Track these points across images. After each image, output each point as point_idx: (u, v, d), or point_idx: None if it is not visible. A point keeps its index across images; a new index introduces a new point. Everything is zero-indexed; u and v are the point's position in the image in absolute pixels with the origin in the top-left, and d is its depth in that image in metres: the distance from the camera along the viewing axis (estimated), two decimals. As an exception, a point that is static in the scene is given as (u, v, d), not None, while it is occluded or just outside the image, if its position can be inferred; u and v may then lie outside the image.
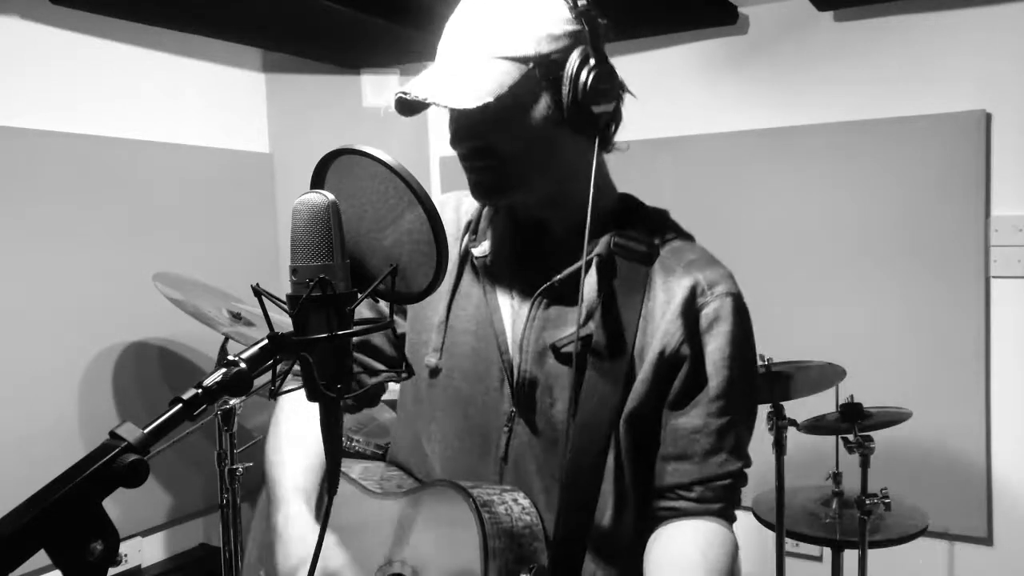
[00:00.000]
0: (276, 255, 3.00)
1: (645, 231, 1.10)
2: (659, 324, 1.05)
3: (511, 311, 1.11)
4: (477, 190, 1.07)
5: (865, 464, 2.01)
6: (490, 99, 0.95)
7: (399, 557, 1.05)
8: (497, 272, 1.13)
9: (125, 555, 2.53)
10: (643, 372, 1.05)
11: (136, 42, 2.59)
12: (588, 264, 1.05)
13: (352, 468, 1.21)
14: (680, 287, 1.06)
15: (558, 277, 1.06)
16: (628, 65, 1.10)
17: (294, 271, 0.71)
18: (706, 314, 1.06)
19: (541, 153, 1.04)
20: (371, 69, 3.13)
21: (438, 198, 1.26)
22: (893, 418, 2.09)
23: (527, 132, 1.02)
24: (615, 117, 1.09)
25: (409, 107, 1.02)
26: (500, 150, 1.02)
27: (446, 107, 0.97)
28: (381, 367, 1.25)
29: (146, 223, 2.56)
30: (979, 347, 2.33)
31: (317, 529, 1.09)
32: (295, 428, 1.25)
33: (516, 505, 1.03)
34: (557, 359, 1.06)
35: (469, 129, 1.03)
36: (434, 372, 1.14)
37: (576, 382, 1.03)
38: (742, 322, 1.08)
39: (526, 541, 1.00)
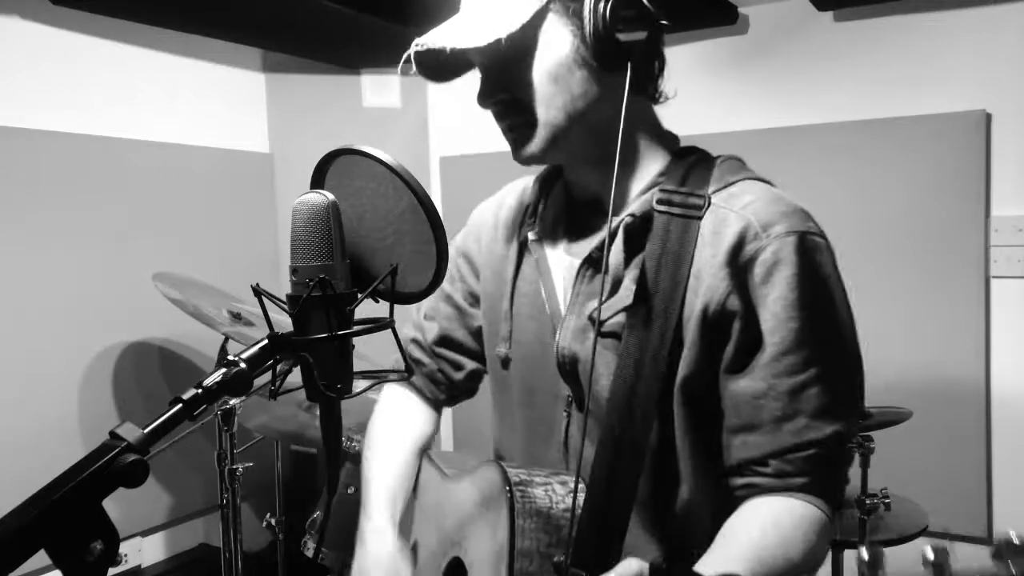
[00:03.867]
0: (276, 255, 3.00)
1: (703, 182, 1.00)
2: (707, 279, 0.94)
3: (564, 291, 1.06)
4: (514, 149, 1.02)
5: (865, 464, 2.01)
6: (501, 35, 0.90)
7: (459, 538, 1.06)
8: (551, 253, 1.09)
9: (125, 555, 2.53)
10: (689, 336, 0.95)
11: (136, 42, 2.59)
12: (616, 231, 0.97)
13: (441, 456, 1.24)
14: (729, 234, 0.94)
15: (595, 245, 1.00)
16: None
17: (294, 271, 0.71)
18: (763, 260, 0.93)
19: (570, 99, 0.96)
20: (371, 69, 3.13)
21: (503, 189, 1.25)
22: (893, 418, 2.09)
23: (552, 73, 0.96)
24: (653, 55, 1.01)
25: (434, 69, 1.00)
26: (527, 99, 0.97)
27: (454, 48, 0.92)
28: (467, 361, 1.26)
29: (146, 223, 2.56)
30: (979, 347, 2.33)
31: (394, 549, 1.14)
32: (391, 423, 1.27)
33: (563, 488, 0.98)
34: (597, 333, 0.97)
35: (494, 81, 0.99)
36: (505, 363, 1.13)
37: (617, 354, 0.95)
38: (811, 262, 0.93)
39: (566, 524, 0.95)
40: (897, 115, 2.41)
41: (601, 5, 0.92)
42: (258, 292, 0.72)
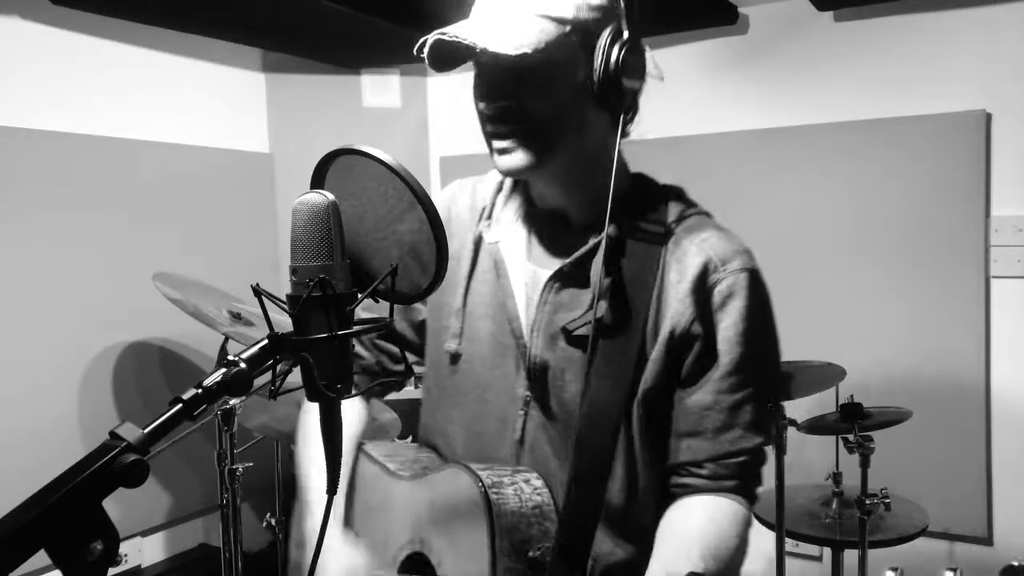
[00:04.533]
0: (276, 255, 3.00)
1: (660, 211, 1.10)
2: (671, 303, 1.05)
3: (525, 296, 1.11)
4: (502, 159, 1.04)
5: (865, 464, 2.01)
6: (528, 50, 0.94)
7: (418, 537, 1.08)
8: (511, 257, 1.13)
9: (125, 555, 2.53)
10: (655, 352, 1.05)
11: (136, 42, 2.59)
12: (598, 246, 1.04)
13: (377, 448, 1.23)
14: (692, 265, 1.05)
15: (568, 260, 1.07)
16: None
17: (294, 271, 0.71)
18: (719, 291, 1.05)
19: (570, 124, 1.03)
20: (371, 69, 3.13)
21: (452, 185, 1.26)
22: (893, 418, 2.09)
23: (559, 97, 1.01)
24: (635, 103, 1.08)
25: (441, 59, 1.01)
26: (532, 111, 1.00)
27: (483, 49, 0.95)
28: (406, 354, 1.27)
29: (146, 223, 2.56)
30: (979, 347, 2.33)
31: (341, 538, 1.13)
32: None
33: (527, 486, 1.04)
34: (567, 342, 1.06)
35: (503, 86, 1.01)
36: (454, 358, 1.15)
37: (587, 364, 1.03)
38: (757, 297, 1.06)
39: (536, 521, 1.01)
40: (897, 115, 2.42)
41: (616, 49, 1.00)
42: (258, 292, 0.72)
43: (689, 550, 0.99)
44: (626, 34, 1.01)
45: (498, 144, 1.04)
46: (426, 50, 0.99)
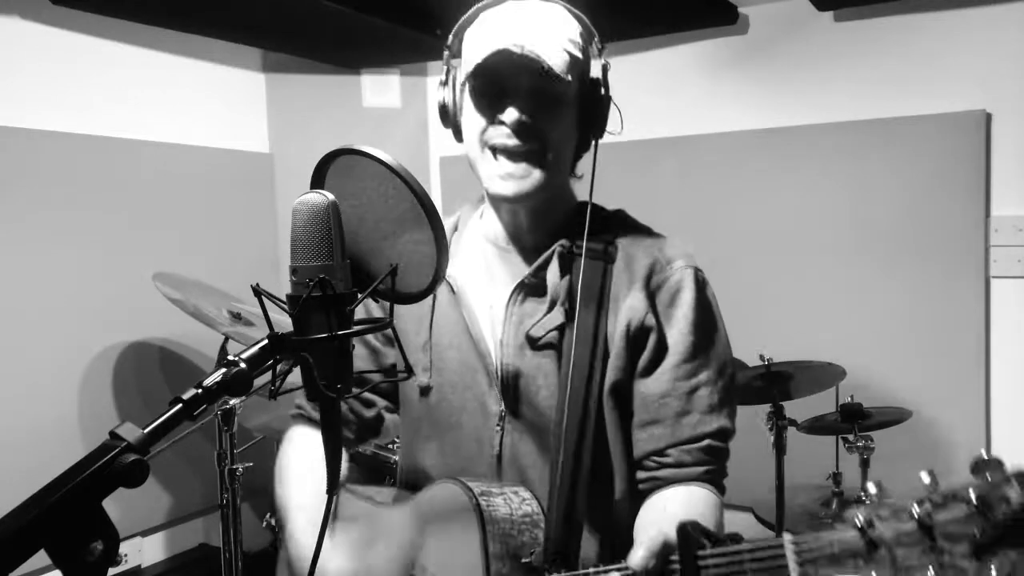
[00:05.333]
0: (276, 255, 3.00)
1: (604, 231, 1.17)
2: (625, 302, 1.11)
3: (489, 316, 1.16)
4: (509, 183, 1.09)
5: (865, 464, 2.01)
6: (569, 76, 1.04)
7: (420, 561, 1.08)
8: (471, 284, 1.18)
9: (125, 555, 2.53)
10: (615, 348, 1.11)
11: (136, 42, 2.59)
12: (552, 255, 1.13)
13: (360, 488, 1.25)
14: (641, 266, 1.13)
15: (527, 272, 1.13)
16: (629, 65, 1.10)
17: (294, 271, 0.71)
18: (668, 287, 1.12)
19: (567, 152, 1.12)
20: (371, 69, 3.13)
21: None
22: (893, 418, 2.09)
23: (567, 122, 1.10)
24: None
25: (489, 74, 1.06)
26: (548, 132, 1.08)
27: (546, 67, 1.02)
28: (378, 399, 1.30)
29: (146, 223, 2.56)
30: (979, 347, 2.33)
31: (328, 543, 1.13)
32: (302, 458, 1.28)
33: (516, 496, 1.06)
34: (533, 348, 1.11)
35: (530, 104, 1.06)
36: (425, 391, 1.19)
37: (558, 366, 1.09)
38: (702, 290, 1.14)
39: (526, 528, 1.03)
40: (897, 115, 2.42)
41: (605, 83, 1.12)
42: (258, 292, 0.72)
43: (671, 531, 0.99)
44: (606, 65, 1.12)
45: (509, 167, 1.08)
46: (481, 62, 1.04)
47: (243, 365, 0.68)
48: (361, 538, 1.15)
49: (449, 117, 1.17)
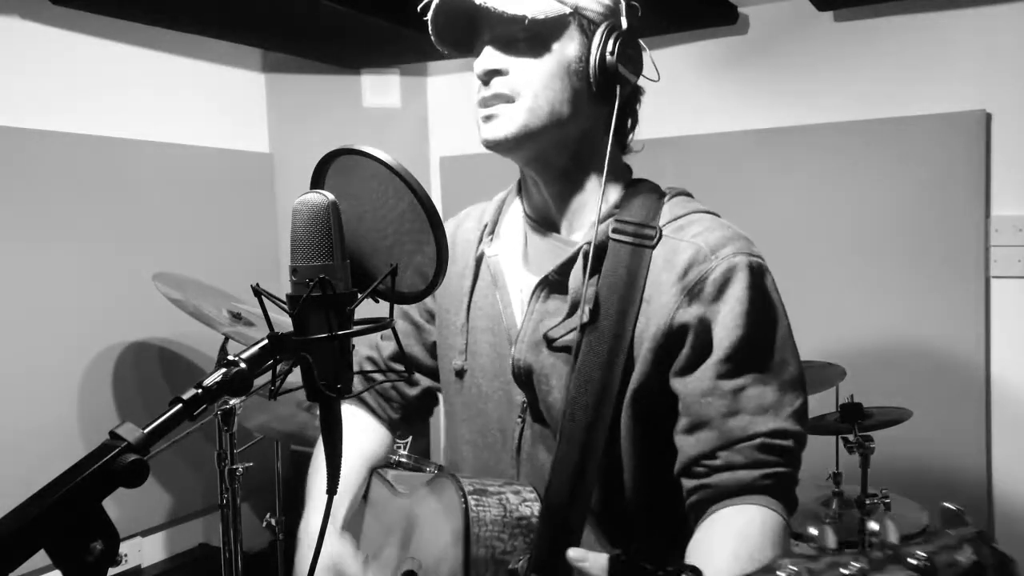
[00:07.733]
0: (276, 255, 3.00)
1: (653, 214, 1.07)
2: (660, 300, 1.01)
3: (521, 305, 1.12)
4: (485, 127, 1.05)
5: (865, 464, 2.01)
6: (528, 13, 0.97)
7: (410, 552, 1.08)
8: (509, 267, 1.14)
9: (125, 555, 2.53)
10: (643, 351, 1.01)
11: (136, 42, 2.59)
12: (577, 254, 1.05)
13: (392, 473, 1.24)
14: (681, 260, 1.01)
15: (551, 269, 1.07)
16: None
17: (294, 271, 0.71)
18: (713, 279, 0.99)
19: (559, 100, 1.03)
20: (371, 69, 3.13)
21: (466, 209, 1.29)
22: (893, 418, 2.09)
23: (552, 71, 1.02)
24: (634, 111, 1.12)
25: (446, 26, 1.05)
26: (521, 78, 1.02)
27: (483, 4, 0.98)
28: (421, 377, 1.29)
29: (146, 223, 2.56)
30: (979, 347, 2.33)
31: (335, 538, 1.15)
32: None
33: (516, 497, 1.02)
34: (549, 348, 1.06)
35: (498, 51, 1.03)
36: (460, 373, 1.17)
37: (571, 369, 1.02)
38: (757, 281, 1.00)
39: (520, 532, 0.99)
40: (897, 115, 2.41)
41: (612, 37, 1.02)
42: (258, 292, 0.72)
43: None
44: (624, 24, 1.04)
45: (483, 112, 1.05)
46: (431, 12, 1.03)
47: (243, 365, 0.68)
48: (367, 524, 1.16)
49: None
